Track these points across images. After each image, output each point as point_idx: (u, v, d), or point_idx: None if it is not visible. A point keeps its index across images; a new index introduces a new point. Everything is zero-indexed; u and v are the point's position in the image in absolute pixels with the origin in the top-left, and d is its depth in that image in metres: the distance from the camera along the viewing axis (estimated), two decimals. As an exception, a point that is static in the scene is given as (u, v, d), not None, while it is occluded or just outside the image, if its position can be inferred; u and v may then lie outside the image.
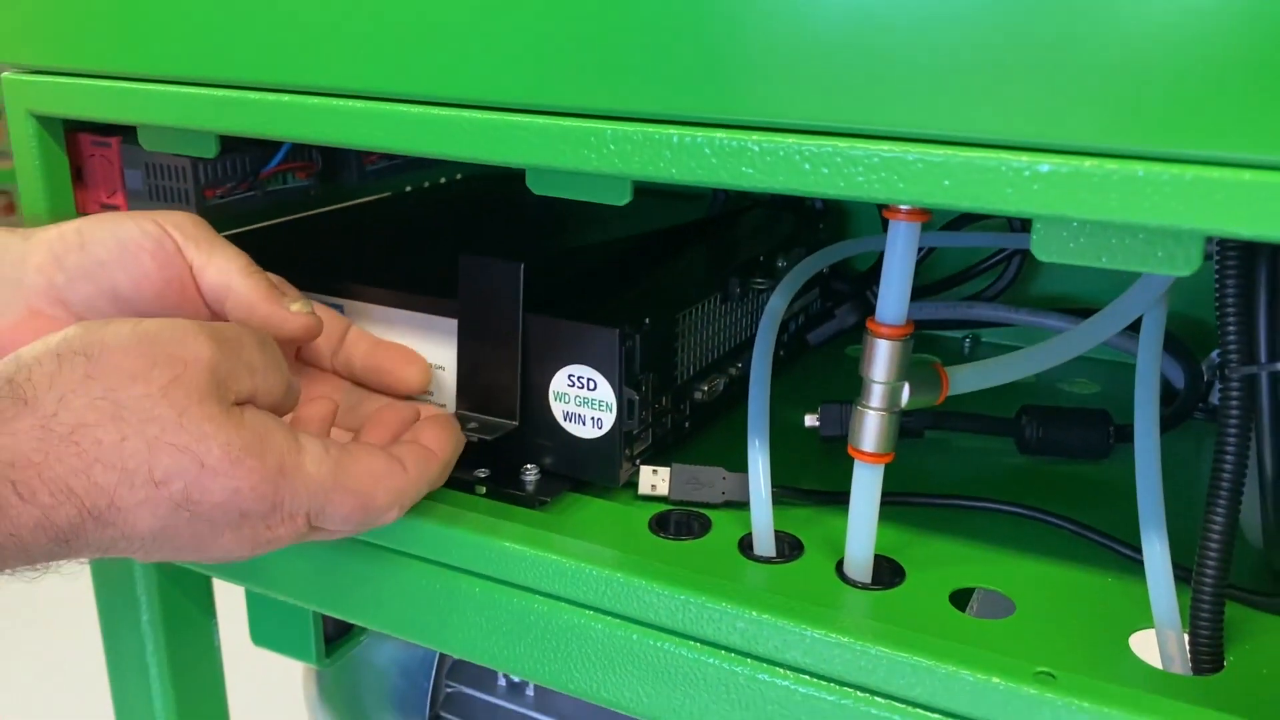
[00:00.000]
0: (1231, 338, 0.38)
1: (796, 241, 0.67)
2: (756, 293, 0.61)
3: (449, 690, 0.66)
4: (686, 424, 0.56)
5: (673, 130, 0.36)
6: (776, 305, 0.53)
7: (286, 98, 0.43)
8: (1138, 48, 0.30)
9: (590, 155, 0.38)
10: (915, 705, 0.38)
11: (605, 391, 0.48)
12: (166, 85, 0.47)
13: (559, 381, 0.49)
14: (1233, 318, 0.38)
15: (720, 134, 0.35)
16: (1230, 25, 0.28)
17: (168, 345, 0.38)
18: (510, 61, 0.38)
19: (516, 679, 0.64)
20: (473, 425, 0.50)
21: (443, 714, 0.66)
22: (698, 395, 0.56)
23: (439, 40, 0.39)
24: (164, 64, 0.46)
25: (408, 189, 0.75)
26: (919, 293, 0.72)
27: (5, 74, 0.50)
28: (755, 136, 0.35)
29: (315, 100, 0.43)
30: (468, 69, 0.39)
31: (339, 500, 0.40)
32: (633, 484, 0.51)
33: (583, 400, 0.49)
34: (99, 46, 0.48)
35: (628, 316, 0.49)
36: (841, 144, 0.34)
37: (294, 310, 0.46)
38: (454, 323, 0.51)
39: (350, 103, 0.42)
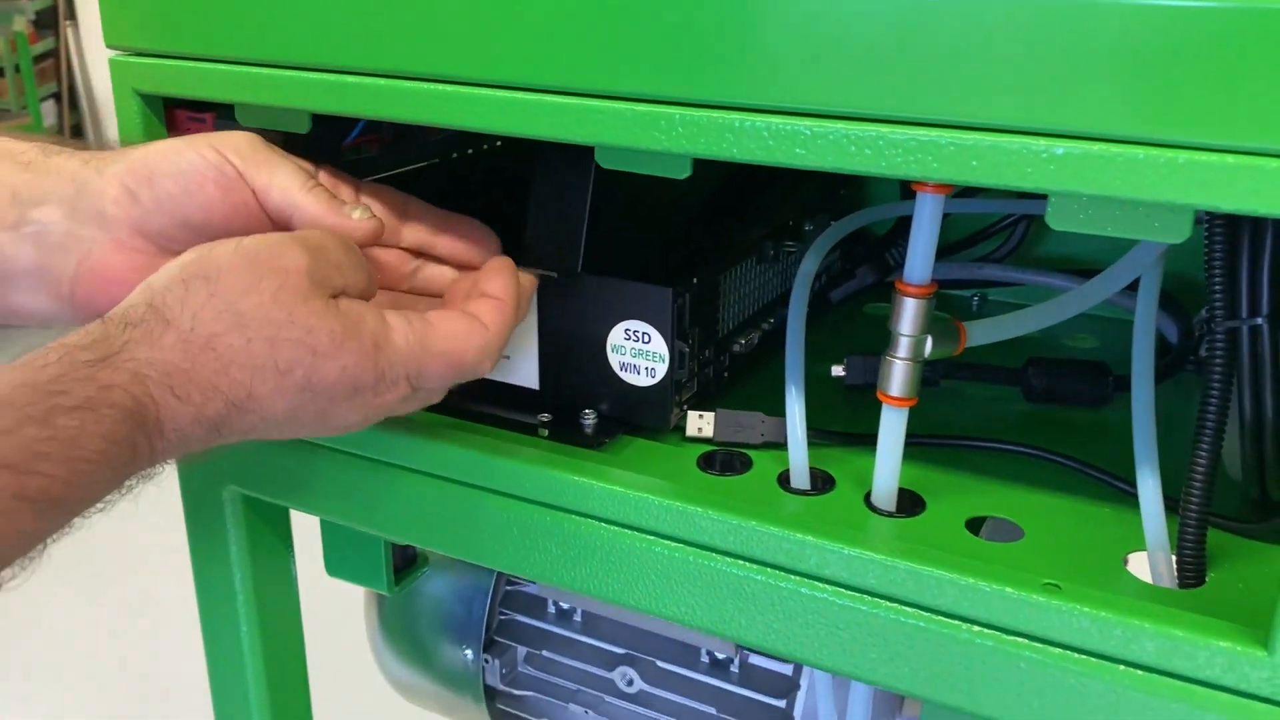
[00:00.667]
0: (1217, 296, 0.44)
1: (820, 208, 0.72)
2: (786, 254, 0.67)
3: (502, 618, 0.73)
4: (725, 374, 0.61)
5: (734, 115, 0.42)
6: (809, 266, 0.58)
7: (383, 82, 0.48)
8: (1138, 51, 0.35)
9: (660, 136, 0.43)
10: (939, 613, 0.44)
11: (659, 344, 0.54)
12: (265, 68, 0.52)
13: (616, 335, 0.55)
14: (1219, 278, 0.44)
15: (776, 119, 0.41)
16: (1214, 33, 0.34)
17: (269, 260, 0.44)
18: (590, 52, 0.44)
19: (565, 606, 0.71)
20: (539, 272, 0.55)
21: (497, 638, 0.73)
22: (736, 348, 0.62)
23: (527, 32, 0.45)
24: (263, 49, 0.51)
25: (454, 155, 0.80)
26: (933, 254, 0.77)
27: (113, 56, 0.55)
28: (807, 122, 0.40)
29: (409, 85, 0.48)
30: (552, 58, 0.44)
31: (431, 364, 0.47)
32: (680, 428, 0.57)
33: (638, 352, 0.55)
34: (202, 32, 0.53)
35: (679, 276, 0.54)
36: (884, 129, 0.39)
37: (356, 219, 0.50)
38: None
39: (442, 87, 0.47)
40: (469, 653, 0.73)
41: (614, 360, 0.55)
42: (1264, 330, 0.44)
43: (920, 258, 0.47)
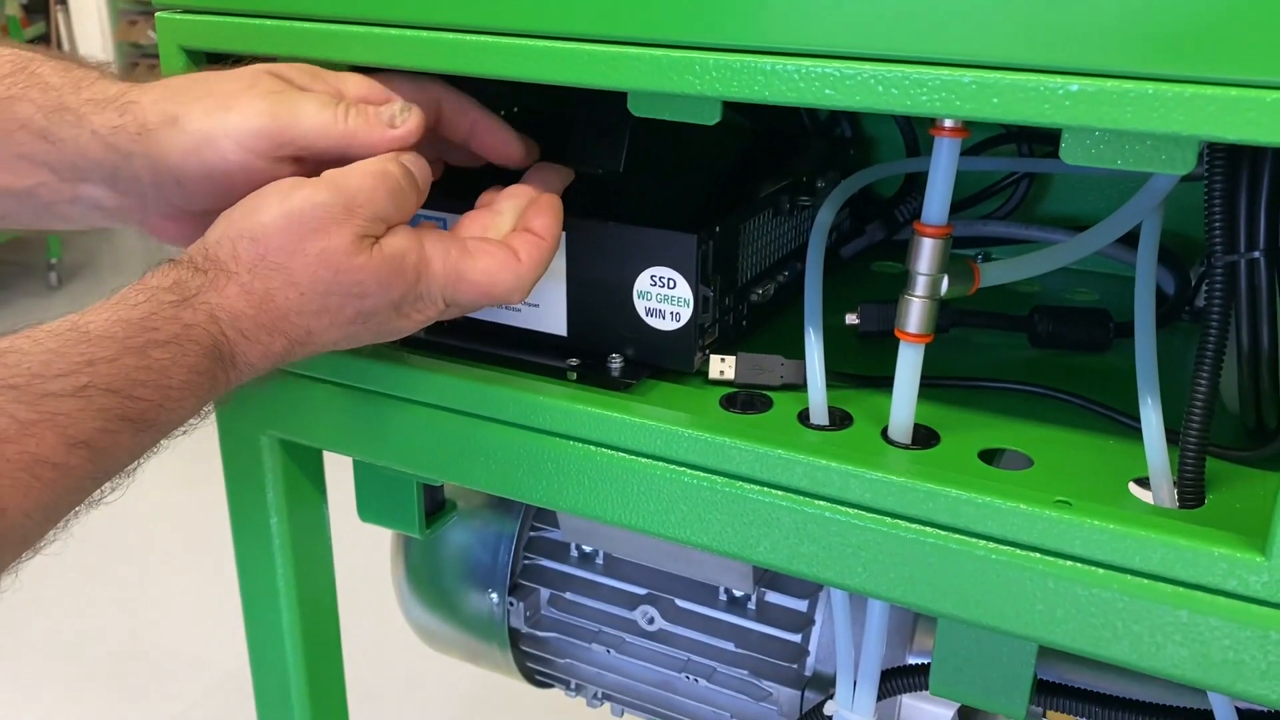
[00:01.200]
0: (1218, 231, 0.47)
1: (831, 165, 0.75)
2: (801, 209, 0.69)
3: (526, 562, 0.75)
4: (744, 322, 0.64)
5: (765, 59, 0.44)
6: (825, 217, 0.61)
7: (425, 34, 0.51)
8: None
9: (694, 80, 0.46)
10: (956, 531, 0.47)
11: (684, 289, 0.56)
12: (305, 22, 0.54)
13: (642, 281, 0.57)
14: (1219, 214, 0.46)
15: (807, 62, 0.43)
16: (1223, -27, 0.36)
17: (310, 222, 0.47)
18: (624, 2, 0.46)
19: (588, 550, 0.73)
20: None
21: (522, 581, 0.75)
22: (754, 297, 0.64)
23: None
24: (304, 3, 0.54)
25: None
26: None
27: (160, 13, 0.57)
28: (836, 64, 0.43)
29: (448, 36, 0.50)
30: (588, 7, 0.47)
31: (465, 289, 0.51)
32: (702, 372, 0.59)
33: (663, 298, 0.57)
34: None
35: (702, 224, 0.56)
36: (909, 69, 0.42)
37: (397, 128, 0.51)
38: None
39: (479, 38, 0.50)
40: (494, 597, 0.76)
41: (640, 306, 0.58)
42: (1260, 264, 0.46)
43: (938, 200, 0.50)
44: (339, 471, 0.70)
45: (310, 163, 0.50)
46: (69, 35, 4.63)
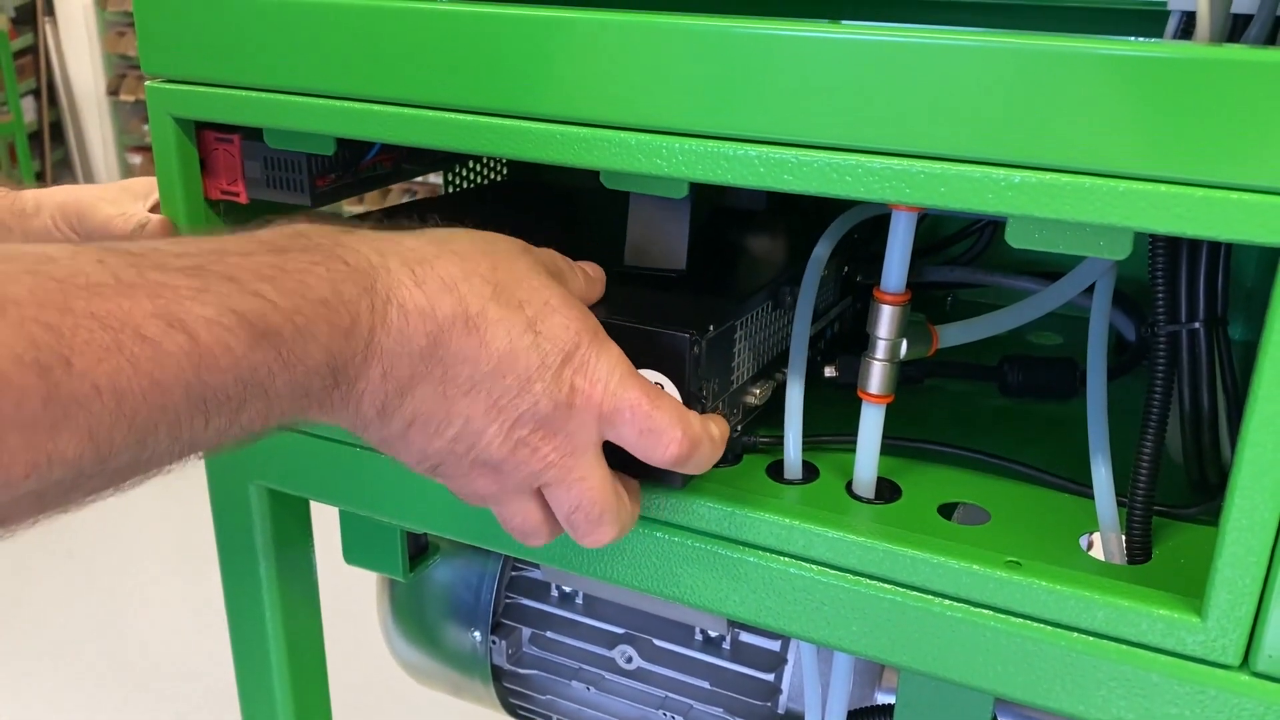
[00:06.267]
0: (1160, 302, 0.49)
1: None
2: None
3: (508, 601, 0.77)
4: (739, 427, 0.58)
5: (728, 145, 0.46)
6: (820, 253, 0.60)
7: (405, 110, 0.53)
8: (1083, 95, 0.40)
9: (660, 163, 0.48)
10: (913, 588, 0.49)
11: (673, 395, 0.50)
12: (293, 96, 0.56)
13: None
14: (1161, 288, 0.49)
15: (767, 149, 0.46)
16: (1147, 81, 0.39)
17: (497, 242, 0.46)
18: (599, 90, 0.48)
19: (568, 589, 0.76)
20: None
21: (503, 621, 0.77)
22: (749, 399, 0.58)
23: (542, 71, 0.49)
24: (290, 78, 0.56)
25: (450, 174, 0.85)
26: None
27: (149, 83, 0.59)
28: (794, 151, 0.45)
29: (428, 113, 0.52)
30: (564, 95, 0.49)
31: (621, 403, 0.45)
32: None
33: None
34: (233, 62, 0.57)
35: (695, 323, 0.50)
36: (862, 158, 0.44)
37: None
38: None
39: (458, 116, 0.52)
40: (477, 635, 0.78)
41: None
42: (1200, 334, 0.49)
43: (895, 268, 0.52)
44: (326, 513, 0.72)
45: None
46: (57, 47, 4.64)
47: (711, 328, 0.51)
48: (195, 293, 0.33)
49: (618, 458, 0.47)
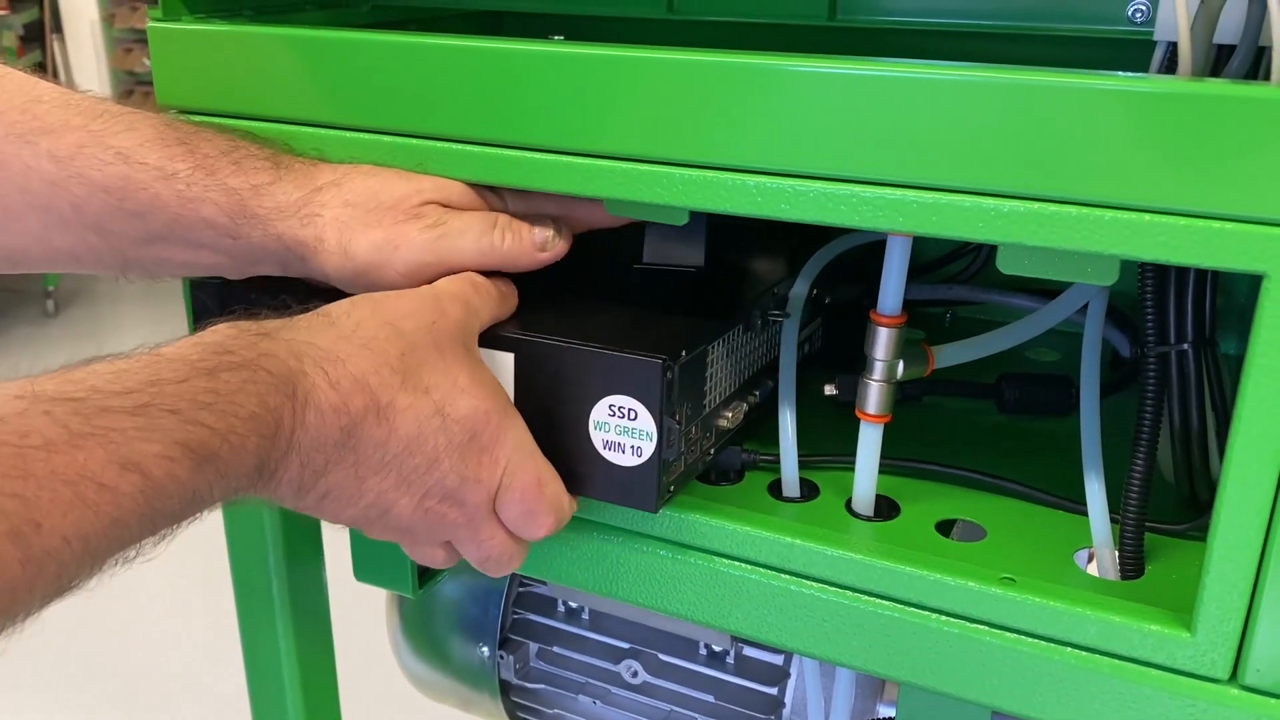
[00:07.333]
0: (1150, 324, 0.50)
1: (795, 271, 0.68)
2: (771, 323, 0.63)
3: (516, 617, 0.79)
4: (712, 450, 0.58)
5: (728, 175, 0.48)
6: (800, 289, 0.63)
7: (413, 141, 0.55)
8: (1068, 130, 0.41)
9: (662, 191, 0.49)
10: (911, 605, 0.50)
11: (646, 421, 0.50)
12: (303, 127, 0.58)
13: (599, 411, 0.51)
14: (1150, 310, 0.50)
15: (765, 179, 0.47)
16: (1130, 116, 0.40)
17: (430, 300, 0.50)
18: (604, 122, 0.50)
19: (574, 605, 0.77)
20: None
21: (511, 636, 0.79)
22: (722, 423, 0.58)
23: (547, 107, 0.51)
24: (303, 110, 0.58)
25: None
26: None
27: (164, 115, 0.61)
28: (791, 181, 0.47)
29: (440, 145, 0.54)
30: (570, 127, 0.51)
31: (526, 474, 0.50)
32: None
33: (623, 429, 0.50)
34: (246, 94, 0.59)
35: (667, 348, 0.50)
36: (857, 188, 0.46)
37: (540, 257, 0.55)
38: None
39: (468, 148, 0.54)
40: (485, 650, 0.79)
41: (597, 439, 0.51)
42: (1189, 355, 0.50)
43: (891, 291, 0.53)
44: (337, 530, 0.74)
45: None
46: (65, 64, 4.68)
47: (684, 353, 0.51)
48: (143, 432, 0.37)
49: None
